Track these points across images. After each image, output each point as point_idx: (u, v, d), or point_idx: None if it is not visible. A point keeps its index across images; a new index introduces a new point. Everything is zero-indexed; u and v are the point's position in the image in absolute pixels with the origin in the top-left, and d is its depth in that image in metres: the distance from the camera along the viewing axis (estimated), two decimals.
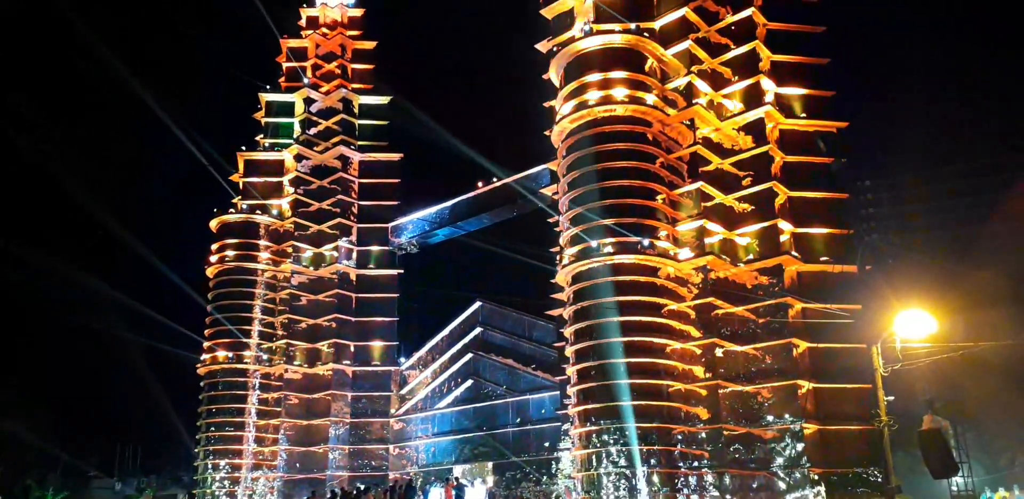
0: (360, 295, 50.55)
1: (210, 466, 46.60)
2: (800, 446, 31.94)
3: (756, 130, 37.00)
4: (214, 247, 51.45)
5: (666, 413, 33.34)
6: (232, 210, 52.18)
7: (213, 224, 51.90)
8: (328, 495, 37.92)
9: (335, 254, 50.34)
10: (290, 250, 50.70)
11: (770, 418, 33.15)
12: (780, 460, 32.30)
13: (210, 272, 51.20)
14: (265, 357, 49.22)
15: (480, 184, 48.80)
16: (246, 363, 48.52)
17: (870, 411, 20.79)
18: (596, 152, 36.45)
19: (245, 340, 48.83)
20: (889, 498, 19.09)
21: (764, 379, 33.73)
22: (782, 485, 31.90)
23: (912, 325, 17.40)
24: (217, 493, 45.91)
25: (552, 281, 39.50)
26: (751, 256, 35.83)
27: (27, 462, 53.28)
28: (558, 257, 38.59)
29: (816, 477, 31.47)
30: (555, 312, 40.61)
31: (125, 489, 58.59)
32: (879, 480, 29.56)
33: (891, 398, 18.02)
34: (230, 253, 50.88)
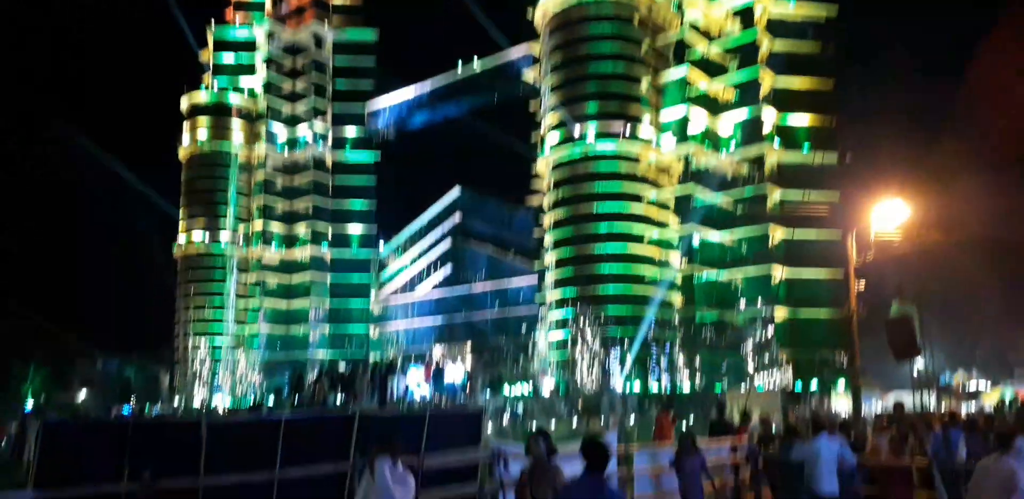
0: (337, 178, 49.60)
1: (191, 346, 47.25)
2: (770, 330, 32.56)
3: (745, 15, 35.38)
4: (186, 127, 49.91)
5: (642, 299, 33.65)
6: (203, 89, 50.20)
7: (183, 103, 50.07)
8: (314, 376, 37.44)
9: (310, 136, 48.95)
10: (263, 132, 49.24)
11: (743, 304, 33.58)
12: (750, 343, 33.01)
13: (182, 154, 49.91)
14: (242, 240, 48.87)
15: (459, 66, 46.80)
16: (223, 245, 48.24)
17: (840, 298, 20.93)
18: (580, 36, 34.91)
19: (221, 223, 48.30)
20: (853, 379, 19.44)
21: (739, 266, 33.91)
22: (750, 367, 32.75)
23: (887, 214, 17.12)
24: (198, 371, 46.78)
25: (533, 169, 38.81)
26: (733, 144, 35.15)
27: (11, 341, 53.74)
28: (538, 144, 37.73)
29: (783, 359, 32.27)
30: (535, 200, 40.18)
31: (107, 367, 59.42)
32: (844, 363, 30.35)
33: (862, 283, 17.96)
34: (202, 134, 49.41)
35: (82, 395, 55.44)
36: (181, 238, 48.94)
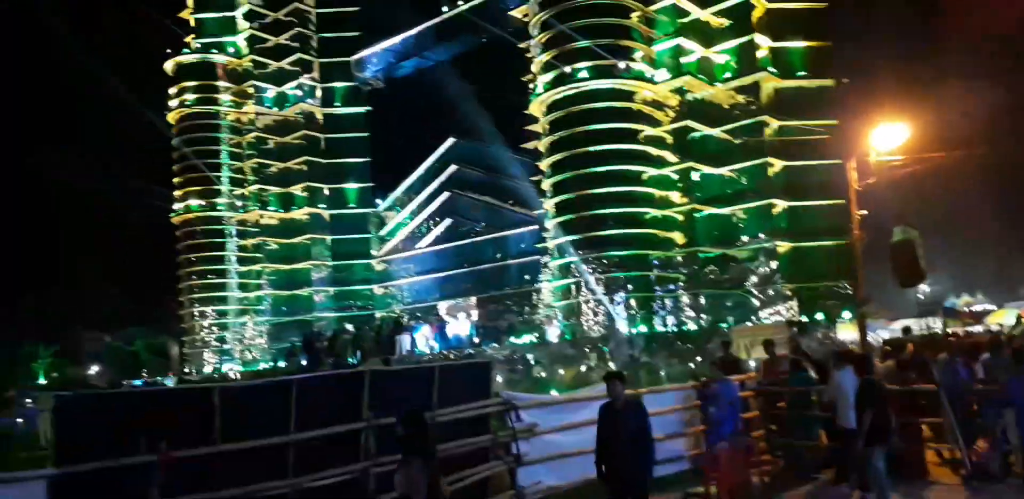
0: (329, 136, 48.92)
1: (196, 314, 47.48)
2: (774, 264, 32.55)
3: None
4: (172, 91, 49.19)
5: (643, 240, 33.58)
6: (186, 50, 49.27)
7: (168, 66, 49.27)
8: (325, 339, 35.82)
9: (298, 93, 48.14)
10: (251, 90, 48.44)
11: (745, 238, 33.49)
12: (754, 278, 33.03)
13: (171, 118, 49.31)
14: (239, 203, 48.60)
15: (445, 9, 45.53)
16: (220, 210, 48.03)
17: (842, 226, 20.82)
18: None
19: (216, 187, 48.01)
20: (860, 308, 19.42)
21: (739, 200, 33.69)
22: (756, 302, 32.85)
23: (887, 138, 16.84)
24: (206, 339, 47.08)
25: (526, 112, 38.17)
26: (728, 74, 34.46)
27: (20, 320, 54.09)
28: (531, 86, 37.07)
29: (789, 292, 32.36)
30: (531, 145, 39.68)
31: (115, 341, 60.07)
32: (850, 292, 30.41)
33: (864, 212, 17.79)
34: (189, 97, 48.69)
35: (93, 370, 56.09)
36: (178, 204, 48.72)
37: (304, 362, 29.35)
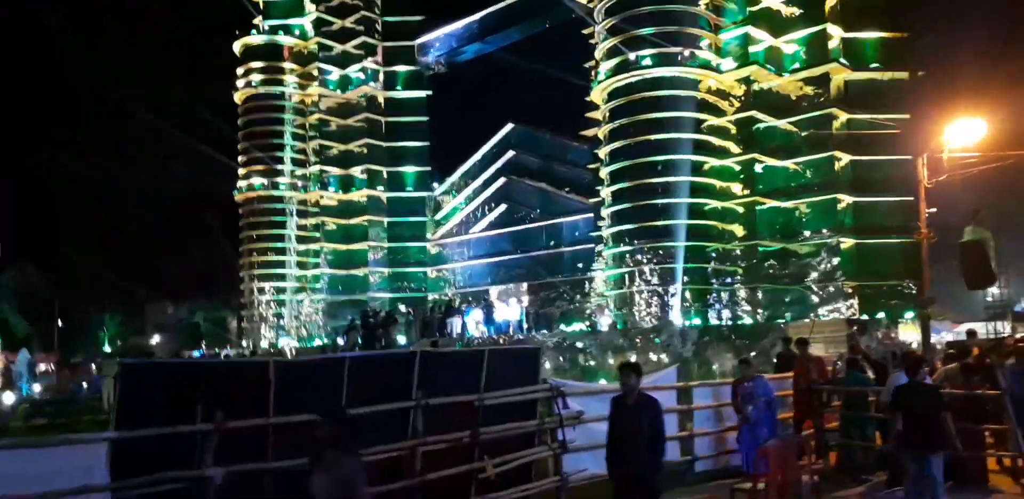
0: (389, 119, 49.39)
1: (256, 289, 48.71)
2: (836, 260, 31.74)
3: None
4: (239, 71, 50.22)
5: (701, 231, 33.13)
6: (254, 31, 50.20)
7: (236, 47, 50.32)
8: (360, 319, 35.87)
9: (361, 76, 48.65)
10: (316, 72, 49.11)
11: (807, 233, 32.73)
12: (815, 274, 32.28)
13: (238, 97, 50.39)
14: (300, 184, 49.54)
15: None
16: (282, 190, 49.01)
17: (910, 224, 20.17)
18: None
19: (279, 167, 48.95)
20: (923, 309, 18.84)
21: (803, 194, 32.89)
22: (815, 298, 32.13)
23: (962, 134, 16.13)
24: (264, 314, 48.31)
25: (587, 99, 37.89)
26: (797, 65, 33.56)
27: (85, 290, 56.29)
28: (593, 73, 36.74)
29: (850, 290, 31.56)
30: (590, 132, 39.38)
31: (177, 312, 62.31)
32: (914, 292, 29.50)
33: (933, 210, 17.14)
34: (256, 77, 49.64)
35: (155, 340, 58.26)
36: (241, 183, 49.86)
37: (360, 340, 29.94)
